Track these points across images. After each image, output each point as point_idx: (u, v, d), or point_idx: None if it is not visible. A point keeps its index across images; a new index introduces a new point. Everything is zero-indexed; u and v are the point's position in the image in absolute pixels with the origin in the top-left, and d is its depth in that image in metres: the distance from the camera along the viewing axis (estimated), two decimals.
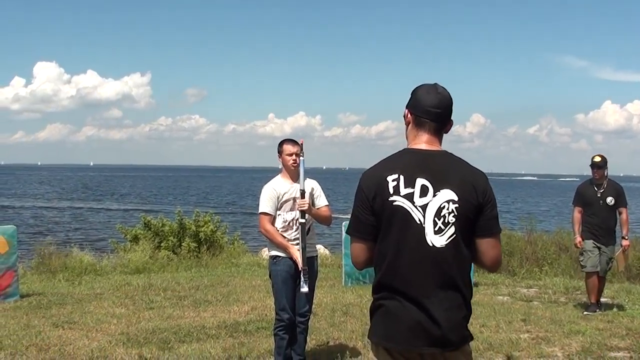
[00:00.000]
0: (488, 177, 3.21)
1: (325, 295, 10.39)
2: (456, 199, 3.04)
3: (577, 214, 9.61)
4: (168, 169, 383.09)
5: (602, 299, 9.91)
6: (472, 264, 3.19)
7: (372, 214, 3.09)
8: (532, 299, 10.61)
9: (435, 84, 3.20)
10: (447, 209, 3.03)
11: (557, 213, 48.10)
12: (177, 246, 16.06)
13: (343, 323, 8.46)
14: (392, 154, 3.20)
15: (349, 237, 3.21)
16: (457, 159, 3.18)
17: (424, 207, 3.03)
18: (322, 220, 6.38)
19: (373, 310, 3.19)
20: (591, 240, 9.39)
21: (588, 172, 9.62)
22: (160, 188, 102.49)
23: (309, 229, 6.19)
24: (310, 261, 6.15)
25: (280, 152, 6.29)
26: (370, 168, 3.20)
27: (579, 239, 9.49)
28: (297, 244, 6.07)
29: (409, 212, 3.03)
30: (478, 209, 3.08)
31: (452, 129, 3.28)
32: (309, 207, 6.07)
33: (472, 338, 3.17)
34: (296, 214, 6.11)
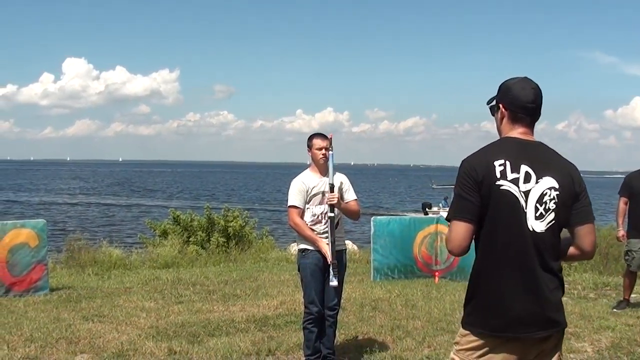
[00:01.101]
0: None
1: (354, 290, 10.35)
2: (557, 186, 3.14)
3: (622, 205, 9.34)
4: (196, 165, 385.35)
5: (633, 295, 9.79)
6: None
7: (480, 197, 3.10)
8: None
9: (526, 77, 3.26)
10: (549, 195, 3.13)
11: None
12: (206, 241, 16.15)
13: (372, 318, 8.43)
14: (492, 143, 3.28)
15: (451, 221, 3.16)
16: (552, 150, 3.29)
17: (526, 193, 3.11)
18: (351, 214, 6.37)
19: (472, 298, 3.21)
20: (637, 239, 9.19)
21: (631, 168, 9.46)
22: (189, 184, 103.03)
23: (337, 222, 6.16)
24: (339, 255, 6.14)
25: (309, 146, 6.26)
26: (472, 154, 3.23)
27: (622, 232, 9.30)
28: (326, 237, 6.07)
29: (515, 196, 3.09)
30: (575, 198, 3.19)
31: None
32: (338, 201, 6.06)
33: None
34: (325, 207, 6.10)
